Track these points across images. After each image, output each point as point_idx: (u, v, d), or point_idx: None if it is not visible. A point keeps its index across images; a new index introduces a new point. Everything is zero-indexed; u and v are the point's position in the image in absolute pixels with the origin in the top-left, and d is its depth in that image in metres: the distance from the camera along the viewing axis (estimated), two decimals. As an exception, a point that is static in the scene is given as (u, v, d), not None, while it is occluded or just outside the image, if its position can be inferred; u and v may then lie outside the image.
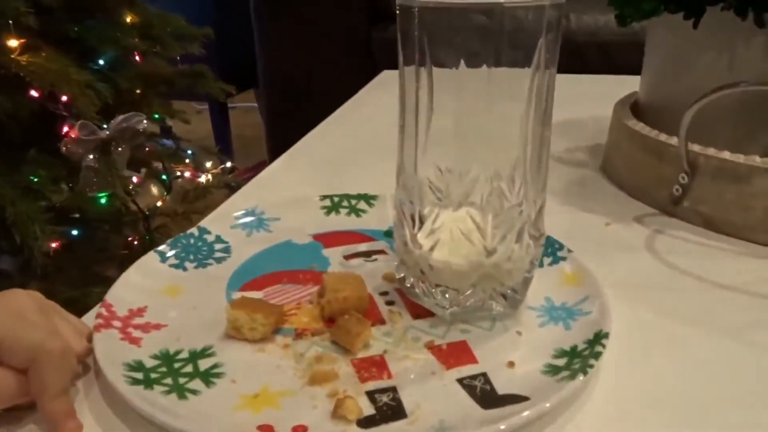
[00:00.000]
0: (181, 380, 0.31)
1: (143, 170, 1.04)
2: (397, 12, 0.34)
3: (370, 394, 0.30)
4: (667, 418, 0.30)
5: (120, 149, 0.90)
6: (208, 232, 0.46)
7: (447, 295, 0.35)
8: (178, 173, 1.20)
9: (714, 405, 0.31)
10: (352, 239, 0.46)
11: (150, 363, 0.32)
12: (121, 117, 0.89)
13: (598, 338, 0.32)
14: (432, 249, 0.35)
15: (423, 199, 0.35)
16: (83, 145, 0.85)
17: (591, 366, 0.30)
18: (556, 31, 0.32)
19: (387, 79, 1.11)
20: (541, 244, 0.36)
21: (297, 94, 1.73)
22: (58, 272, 0.91)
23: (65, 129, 0.85)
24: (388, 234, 0.47)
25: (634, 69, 0.66)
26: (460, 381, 0.31)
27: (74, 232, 0.97)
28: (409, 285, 0.37)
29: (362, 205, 0.51)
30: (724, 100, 0.47)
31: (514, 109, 0.33)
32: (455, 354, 0.33)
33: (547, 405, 0.28)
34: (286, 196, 0.53)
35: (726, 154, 0.49)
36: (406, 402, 0.30)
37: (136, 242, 1.02)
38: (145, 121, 0.91)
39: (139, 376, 0.31)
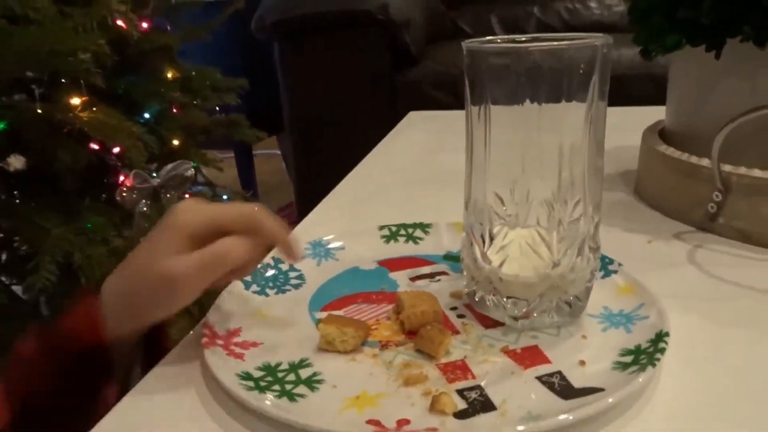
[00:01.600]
0: (288, 386, 0.35)
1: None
2: (464, 55, 0.38)
3: (460, 392, 0.33)
4: (725, 411, 0.33)
5: (169, 196, 0.95)
6: (282, 262, 0.50)
7: (517, 306, 0.39)
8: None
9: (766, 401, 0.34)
10: (413, 264, 0.50)
11: (257, 374, 0.36)
12: (170, 165, 0.95)
13: (660, 337, 0.36)
14: (502, 264, 0.39)
15: (492, 220, 0.39)
16: (137, 192, 0.90)
17: (658, 359, 0.33)
18: (607, 66, 0.36)
19: (414, 120, 1.17)
20: (599, 256, 0.40)
21: (322, 137, 1.79)
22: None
23: (121, 178, 0.90)
24: (447, 257, 0.51)
25: (649, 100, 0.70)
26: (538, 378, 0.34)
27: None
28: (478, 299, 0.41)
29: (418, 233, 0.55)
30: (751, 123, 0.51)
31: (571, 137, 0.37)
32: (530, 356, 0.36)
33: (624, 392, 0.31)
34: (342, 229, 0.57)
35: (756, 172, 0.52)
36: (493, 397, 0.33)
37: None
38: (192, 169, 0.96)
39: (251, 384, 0.34)
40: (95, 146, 0.86)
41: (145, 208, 0.91)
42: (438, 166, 0.83)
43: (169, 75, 1.17)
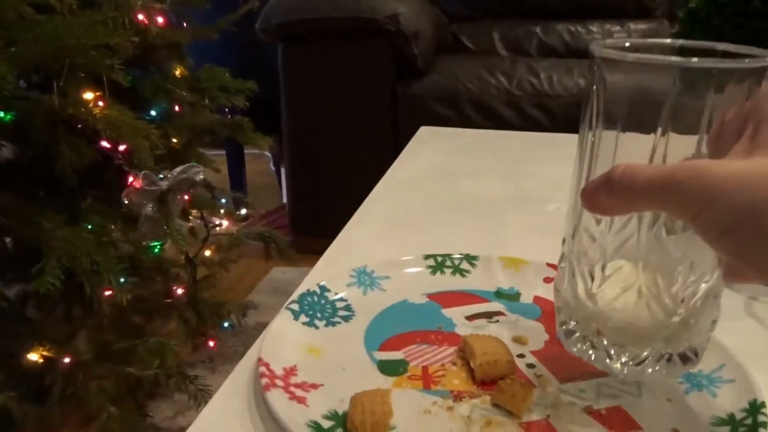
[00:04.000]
0: (364, 441, 0.32)
1: (190, 218, 1.05)
2: (596, 65, 0.33)
3: (555, 462, 0.31)
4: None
5: (175, 199, 0.91)
6: (329, 291, 0.47)
7: (625, 353, 0.35)
8: (217, 222, 1.21)
9: None
10: (466, 300, 0.48)
11: (326, 423, 0.33)
12: (180, 168, 0.91)
13: (757, 408, 0.34)
14: (613, 306, 0.35)
15: (605, 254, 0.35)
16: (145, 195, 0.86)
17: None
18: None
19: (426, 137, 1.15)
20: (720, 304, 0.37)
21: (320, 143, 1.76)
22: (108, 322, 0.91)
23: (130, 179, 0.86)
24: (499, 295, 0.49)
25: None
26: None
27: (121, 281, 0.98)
28: (573, 338, 0.37)
29: (465, 265, 0.52)
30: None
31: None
32: (617, 420, 0.34)
33: (737, 473, 0.29)
34: (378, 255, 0.54)
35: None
36: (591, 469, 0.31)
37: (180, 291, 1.02)
38: (202, 173, 0.93)
39: (323, 437, 0.32)
40: (106, 144, 0.82)
41: (150, 211, 0.87)
42: (463, 191, 0.81)
43: (177, 72, 1.13)
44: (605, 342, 0.36)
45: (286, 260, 1.37)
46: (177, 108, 1.17)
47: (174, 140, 1.16)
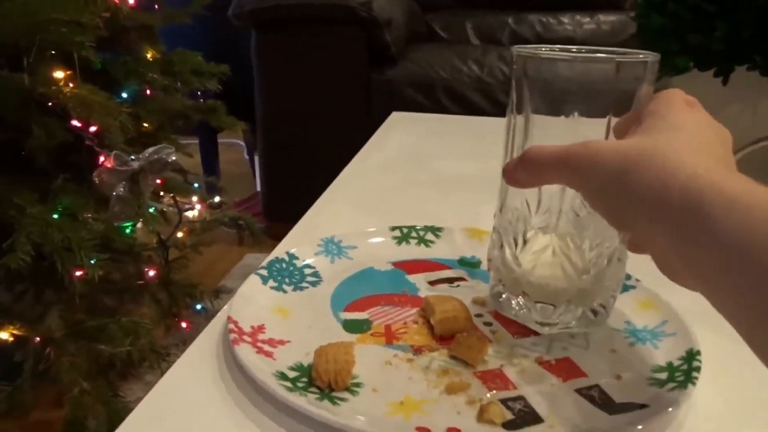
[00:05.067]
0: (327, 389, 0.34)
1: (163, 200, 1.05)
2: (515, 61, 0.38)
3: (503, 402, 0.33)
4: (763, 424, 0.34)
5: (148, 180, 0.92)
6: (297, 258, 0.49)
7: (544, 311, 0.39)
8: (188, 206, 1.22)
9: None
10: (430, 267, 0.50)
11: (291, 374, 0.35)
12: (151, 149, 0.92)
13: (692, 355, 0.36)
14: (534, 267, 0.39)
15: (526, 224, 0.39)
16: (116, 175, 0.86)
17: (696, 378, 0.34)
18: (653, 82, 0.37)
19: (398, 121, 1.16)
20: (624, 267, 0.41)
21: (293, 130, 1.77)
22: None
23: (101, 159, 0.86)
24: (462, 262, 0.51)
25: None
26: (578, 391, 0.35)
27: (92, 262, 0.98)
28: (503, 301, 0.41)
29: (429, 236, 0.54)
30: (758, 152, 0.53)
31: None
32: (565, 368, 0.37)
33: (670, 410, 0.32)
34: (347, 228, 0.56)
35: None
36: (538, 409, 0.33)
37: (152, 273, 1.03)
38: (174, 154, 0.93)
39: (289, 384, 0.33)
40: (77, 123, 0.82)
41: (122, 191, 0.88)
42: (433, 171, 0.83)
43: (149, 55, 1.13)
44: (529, 301, 0.40)
45: (259, 246, 1.38)
46: (149, 91, 1.17)
47: (145, 124, 1.16)
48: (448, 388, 0.34)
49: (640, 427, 0.30)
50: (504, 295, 0.42)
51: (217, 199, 1.45)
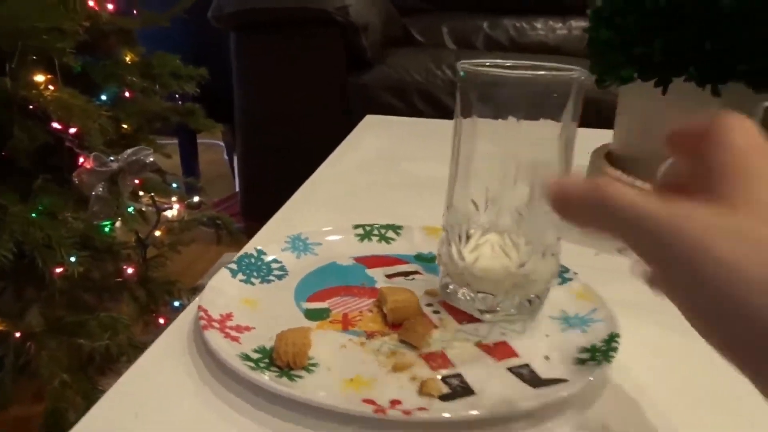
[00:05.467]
0: (286, 368, 0.38)
1: (142, 200, 1.08)
2: (459, 75, 0.42)
3: (443, 379, 0.38)
4: (668, 401, 0.39)
5: (126, 180, 0.95)
6: (265, 254, 0.53)
7: (485, 300, 0.44)
8: (166, 206, 1.25)
9: (708, 394, 0.40)
10: (389, 262, 0.54)
11: (254, 355, 0.39)
12: (130, 150, 0.95)
13: (612, 338, 0.41)
14: (476, 261, 0.43)
15: (470, 223, 0.44)
16: (96, 175, 0.89)
17: (612, 356, 0.39)
18: (581, 94, 0.41)
19: (371, 124, 1.20)
20: (558, 262, 0.45)
21: (271, 132, 1.80)
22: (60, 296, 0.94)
23: (81, 160, 0.89)
24: (418, 258, 0.55)
25: (592, 123, 0.76)
26: (509, 369, 0.39)
27: (72, 259, 1.01)
28: (450, 291, 0.46)
29: (390, 233, 0.59)
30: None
31: (545, 154, 0.42)
32: (500, 350, 0.41)
33: (584, 383, 0.36)
34: (315, 226, 0.60)
35: (691, 198, 0.59)
36: (472, 384, 0.37)
37: (131, 270, 1.06)
38: (152, 156, 0.96)
39: (251, 364, 0.37)
40: (57, 126, 0.85)
41: (101, 191, 0.91)
42: (402, 173, 0.87)
43: (128, 58, 1.16)
44: (471, 291, 0.44)
45: (237, 245, 1.41)
46: (128, 94, 1.20)
47: (124, 126, 1.19)
48: (394, 367, 0.38)
49: (552, 397, 0.35)
50: (451, 287, 0.46)
51: (196, 198, 1.48)
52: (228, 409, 0.36)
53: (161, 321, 1.07)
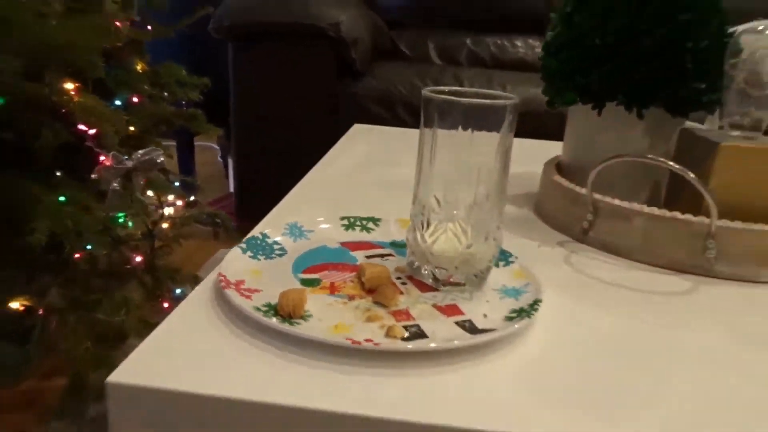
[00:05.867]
0: (287, 317, 0.50)
1: (151, 194, 1.20)
2: (422, 99, 0.55)
3: (405, 327, 0.50)
4: (575, 351, 0.51)
5: (139, 177, 1.07)
6: (268, 237, 0.65)
7: (441, 274, 0.56)
8: (170, 202, 1.36)
9: (607, 344, 0.53)
10: (368, 247, 0.67)
11: (263, 308, 0.51)
12: (143, 150, 1.07)
13: (536, 302, 0.54)
14: (433, 243, 0.56)
15: (430, 214, 0.56)
16: (113, 172, 1.01)
17: (532, 314, 0.52)
18: (516, 113, 0.54)
19: (358, 132, 1.33)
20: (499, 246, 0.58)
21: (266, 137, 1.93)
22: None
23: (101, 158, 1.01)
24: (393, 244, 0.68)
25: (555, 133, 0.90)
26: (455, 323, 0.52)
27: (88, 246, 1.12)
28: (415, 268, 0.58)
29: (370, 225, 0.71)
30: (617, 165, 0.72)
31: (488, 158, 0.55)
32: (450, 310, 0.54)
33: (508, 331, 0.49)
34: (309, 218, 0.72)
35: (617, 201, 0.73)
36: (426, 331, 0.50)
37: (139, 258, 1.17)
38: (162, 156, 1.08)
39: (261, 314, 0.50)
40: (83, 128, 0.97)
41: (117, 186, 1.03)
42: (383, 175, 1.00)
43: (138, 67, 1.28)
44: (431, 266, 0.57)
45: (232, 242, 1.53)
46: (136, 99, 1.31)
47: (131, 128, 1.31)
48: (368, 319, 0.51)
49: (485, 338, 0.48)
50: (415, 264, 0.59)
51: (192, 198, 1.60)
52: (246, 345, 0.48)
53: (165, 305, 1.19)
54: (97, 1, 0.94)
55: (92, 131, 1.05)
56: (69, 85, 0.93)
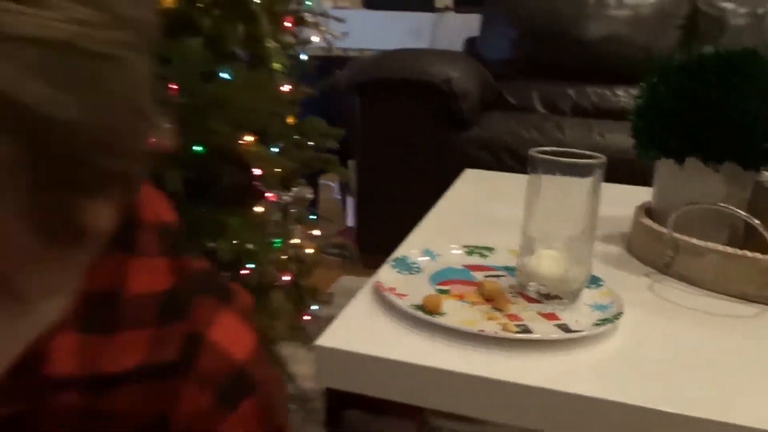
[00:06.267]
0: (424, 311, 0.70)
1: (299, 226, 1.45)
2: (530, 157, 0.74)
3: (516, 325, 0.68)
4: (653, 357, 0.68)
5: (293, 210, 1.32)
6: (409, 258, 0.86)
7: (543, 290, 0.74)
8: (311, 232, 1.61)
9: (684, 359, 0.68)
10: (485, 269, 0.86)
11: (413, 307, 0.71)
12: (296, 188, 1.32)
13: (619, 314, 0.70)
14: (538, 267, 0.74)
15: (535, 243, 0.75)
16: (275, 206, 1.27)
17: (615, 321, 0.68)
18: (603, 169, 0.72)
19: (470, 177, 1.53)
20: (589, 271, 0.75)
21: (386, 178, 2.17)
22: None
23: (267, 194, 1.27)
24: (504, 268, 0.86)
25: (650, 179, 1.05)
26: (554, 324, 0.69)
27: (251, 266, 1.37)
28: (523, 285, 0.77)
29: (485, 252, 0.90)
30: (696, 210, 0.87)
31: (582, 201, 0.73)
32: (550, 316, 0.72)
33: (595, 333, 0.66)
34: (438, 244, 0.92)
35: (694, 240, 0.87)
36: (531, 329, 0.68)
37: (287, 278, 1.42)
38: (311, 194, 1.33)
39: (412, 309, 0.70)
40: (257, 172, 1.23)
41: (277, 217, 1.28)
42: (491, 213, 1.18)
43: (289, 120, 1.56)
44: (536, 285, 0.75)
45: (354, 271, 1.76)
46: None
47: (277, 169, 1.58)
48: (488, 318, 0.70)
49: (579, 335, 0.65)
50: (524, 282, 0.77)
51: (317, 231, 1.85)
52: (402, 329, 0.68)
53: (307, 318, 1.43)
54: (267, 69, 1.21)
55: (259, 172, 1.31)
56: (249, 138, 1.20)
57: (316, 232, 1.58)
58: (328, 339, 0.65)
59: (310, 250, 1.43)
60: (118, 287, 0.36)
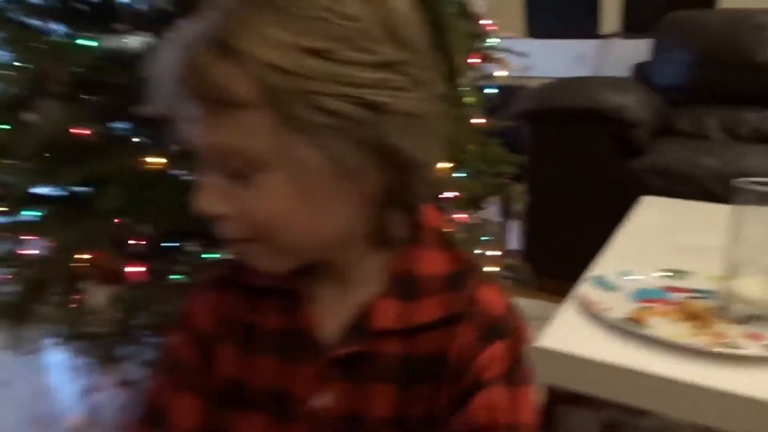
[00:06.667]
0: (635, 327, 0.78)
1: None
2: (735, 188, 0.80)
3: (724, 343, 0.75)
4: None
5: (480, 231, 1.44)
6: (606, 277, 0.94)
7: (747, 311, 0.79)
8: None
9: None
10: (683, 290, 0.92)
11: (618, 318, 0.80)
12: (479, 211, 1.44)
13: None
14: (741, 290, 0.80)
15: (738, 269, 0.80)
16: (463, 227, 1.40)
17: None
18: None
19: (649, 204, 1.56)
20: None
21: (557, 204, 2.23)
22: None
23: (458, 215, 1.41)
24: (701, 290, 0.92)
25: None
26: (762, 345, 0.74)
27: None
28: (727, 307, 0.82)
29: (682, 275, 0.96)
30: None
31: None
32: (754, 336, 0.77)
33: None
34: (626, 267, 0.98)
35: None
36: (741, 346, 0.74)
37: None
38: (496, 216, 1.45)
39: (620, 321, 0.78)
40: (449, 195, 1.37)
41: (464, 238, 1.41)
42: (679, 242, 1.22)
43: (470, 147, 1.69)
44: (739, 307, 0.80)
45: (523, 292, 1.83)
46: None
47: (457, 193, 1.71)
48: (693, 334, 0.77)
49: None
50: (728, 304, 0.82)
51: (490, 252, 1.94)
52: (611, 337, 0.77)
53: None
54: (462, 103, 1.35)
55: (451, 195, 1.46)
56: (446, 165, 1.34)
57: (489, 253, 1.69)
58: (547, 340, 0.75)
59: (491, 269, 1.54)
60: (413, 269, 0.53)
